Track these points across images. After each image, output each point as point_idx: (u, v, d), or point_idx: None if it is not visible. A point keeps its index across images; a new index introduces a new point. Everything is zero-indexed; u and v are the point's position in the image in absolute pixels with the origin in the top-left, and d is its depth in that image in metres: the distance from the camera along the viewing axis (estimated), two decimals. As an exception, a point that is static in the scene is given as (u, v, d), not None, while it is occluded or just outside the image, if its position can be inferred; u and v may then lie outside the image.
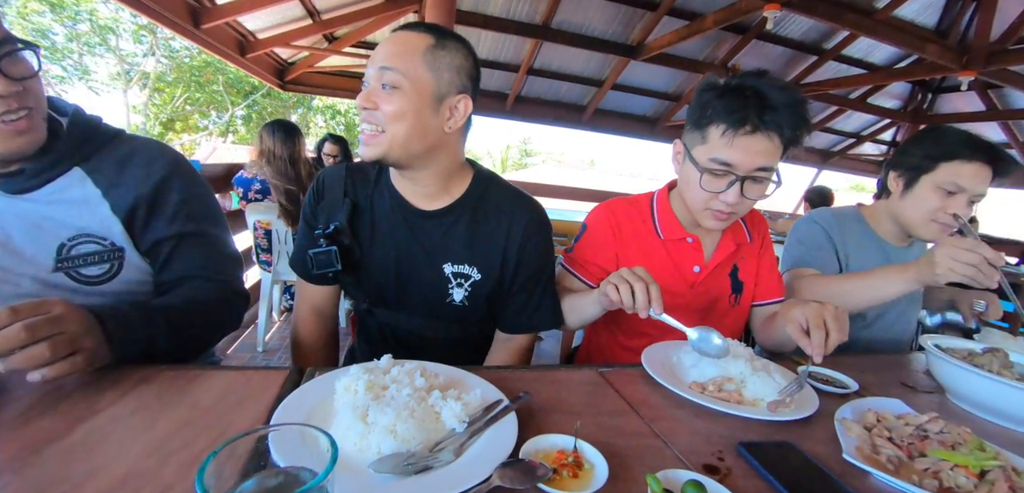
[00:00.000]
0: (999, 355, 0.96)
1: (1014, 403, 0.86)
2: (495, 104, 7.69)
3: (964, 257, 0.99)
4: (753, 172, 1.02)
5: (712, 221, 1.10)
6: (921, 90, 8.17)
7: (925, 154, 1.32)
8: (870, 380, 1.04)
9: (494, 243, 1.05)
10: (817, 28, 6.47)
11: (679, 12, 5.93)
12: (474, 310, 1.09)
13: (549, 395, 0.82)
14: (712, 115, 1.02)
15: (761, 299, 1.28)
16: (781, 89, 0.99)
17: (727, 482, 0.62)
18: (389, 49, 0.92)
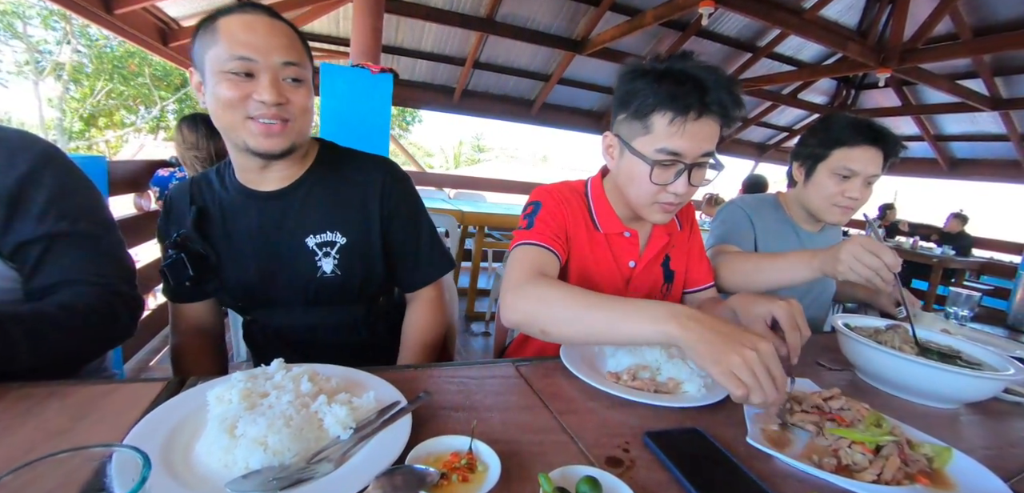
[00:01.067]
0: (900, 331, 0.99)
1: (913, 377, 0.89)
2: (442, 98, 7.57)
3: (866, 259, 1.00)
4: (699, 159, 0.98)
5: (660, 214, 1.05)
6: (845, 86, 8.71)
7: (819, 143, 1.41)
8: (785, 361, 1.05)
9: (353, 203, 1.07)
10: (751, 26, 6.76)
11: (621, 8, 6.02)
12: (349, 279, 1.07)
13: (456, 393, 0.77)
14: (654, 103, 0.95)
15: (692, 286, 1.28)
16: (709, 70, 0.96)
17: (629, 474, 0.59)
18: (283, 42, 0.92)
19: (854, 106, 8.83)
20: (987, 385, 0.86)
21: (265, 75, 0.90)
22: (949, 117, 7.97)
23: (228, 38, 0.88)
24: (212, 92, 0.91)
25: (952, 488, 0.60)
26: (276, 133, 0.93)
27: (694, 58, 0.98)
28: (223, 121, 0.93)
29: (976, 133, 8.02)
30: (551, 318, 0.85)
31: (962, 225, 6.66)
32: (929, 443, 0.67)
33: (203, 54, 0.91)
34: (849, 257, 1.03)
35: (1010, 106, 6.90)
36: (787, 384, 0.67)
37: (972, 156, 8.51)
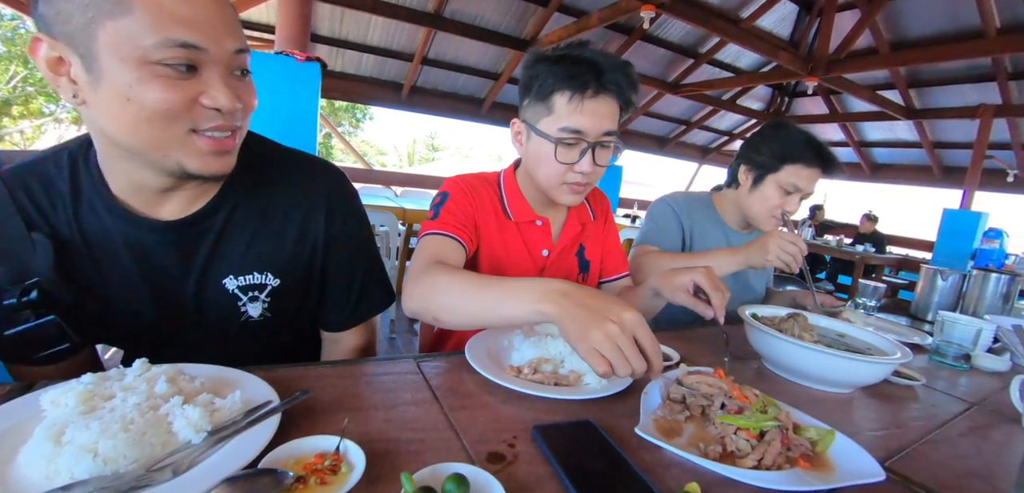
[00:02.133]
0: (800, 320, 1.02)
1: (809, 363, 0.91)
2: (391, 94, 7.39)
3: (788, 247, 1.17)
4: (601, 137, 1.01)
5: (570, 195, 1.06)
6: (780, 94, 9.21)
7: (772, 154, 1.43)
8: (694, 351, 1.06)
9: (289, 230, 0.83)
10: (693, 33, 7.01)
11: (568, 9, 6.09)
12: (280, 322, 0.88)
13: (342, 392, 0.71)
14: (553, 84, 0.99)
15: (608, 275, 1.29)
16: (606, 55, 1.01)
17: (508, 470, 0.56)
18: (231, 18, 0.65)
19: (788, 112, 9.34)
20: (876, 369, 0.89)
21: (215, 70, 0.64)
22: (870, 125, 8.58)
23: (152, 8, 0.58)
24: (120, 92, 0.60)
25: (831, 470, 0.60)
26: (229, 150, 0.69)
27: (590, 47, 1.02)
28: (136, 139, 0.63)
29: (894, 140, 8.68)
30: (440, 305, 0.83)
31: (873, 225, 7.17)
32: (814, 426, 0.68)
33: (89, 22, 0.58)
34: (775, 246, 1.19)
35: (922, 115, 7.50)
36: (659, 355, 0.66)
37: (890, 161, 9.20)
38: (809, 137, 1.42)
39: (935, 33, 6.13)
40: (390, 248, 3.26)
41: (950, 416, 0.93)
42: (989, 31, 5.41)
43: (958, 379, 1.22)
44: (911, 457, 0.73)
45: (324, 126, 18.57)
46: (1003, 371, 1.28)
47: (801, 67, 5.90)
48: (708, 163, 10.77)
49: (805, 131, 1.45)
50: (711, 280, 0.90)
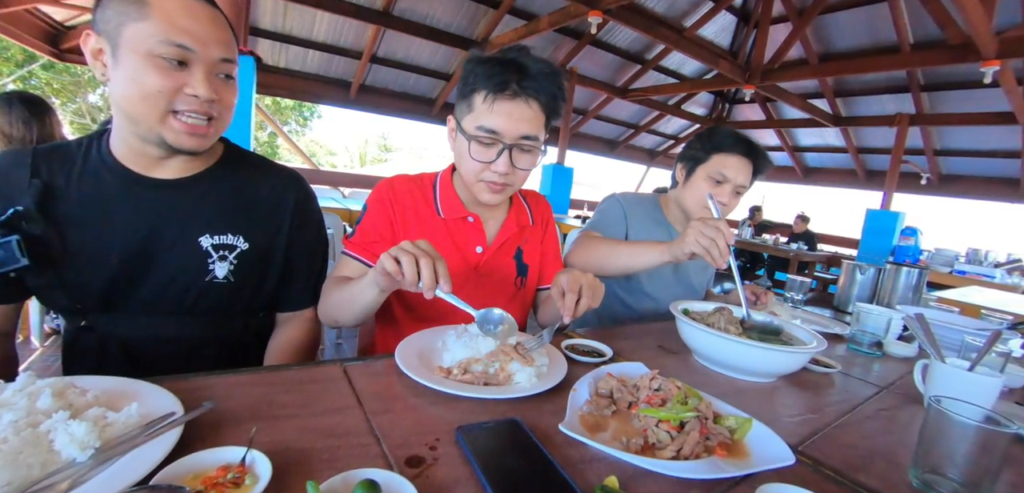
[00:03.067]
0: (726, 313, 1.06)
1: (732, 355, 0.95)
2: (338, 93, 7.19)
3: (708, 232, 1.11)
4: (519, 140, 1.01)
5: (488, 193, 1.06)
6: (721, 100, 9.64)
7: (701, 147, 1.49)
8: (629, 346, 1.08)
9: (261, 209, 1.00)
10: (640, 40, 7.22)
11: (519, 12, 6.13)
12: (241, 288, 0.97)
13: (258, 400, 0.67)
14: (475, 83, 1.00)
15: (546, 283, 1.29)
16: (538, 61, 1.01)
17: (427, 473, 0.54)
18: (224, 36, 0.85)
19: (728, 118, 9.79)
20: (794, 358, 0.93)
21: (200, 68, 0.82)
22: (803, 131, 9.14)
23: (164, 18, 0.78)
24: (130, 74, 0.78)
25: (746, 456, 0.63)
26: (201, 132, 0.86)
27: (529, 53, 1.02)
28: (135, 110, 0.81)
29: (823, 145, 9.27)
30: (337, 313, 1.00)
31: (805, 224, 7.65)
32: (734, 415, 0.71)
33: (120, 24, 0.78)
34: (693, 233, 1.14)
35: (847, 123, 8.06)
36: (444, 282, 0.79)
37: (821, 165, 9.82)
38: (738, 132, 1.48)
39: (858, 47, 6.63)
40: (335, 250, 3.16)
41: (861, 400, 0.99)
42: (904, 46, 5.91)
43: (872, 365, 1.30)
44: (822, 440, 0.77)
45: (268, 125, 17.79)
46: (911, 356, 1.38)
47: (739, 75, 6.21)
48: (656, 166, 11.14)
49: (736, 130, 1.51)
50: (572, 281, 0.91)
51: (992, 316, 1.77)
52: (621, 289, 1.63)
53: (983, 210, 8.19)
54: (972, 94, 6.48)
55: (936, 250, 6.81)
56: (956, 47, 4.68)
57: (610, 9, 4.37)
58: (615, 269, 1.34)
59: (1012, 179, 7.47)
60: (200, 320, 0.96)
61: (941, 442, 0.66)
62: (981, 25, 3.97)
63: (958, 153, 7.80)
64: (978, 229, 9.63)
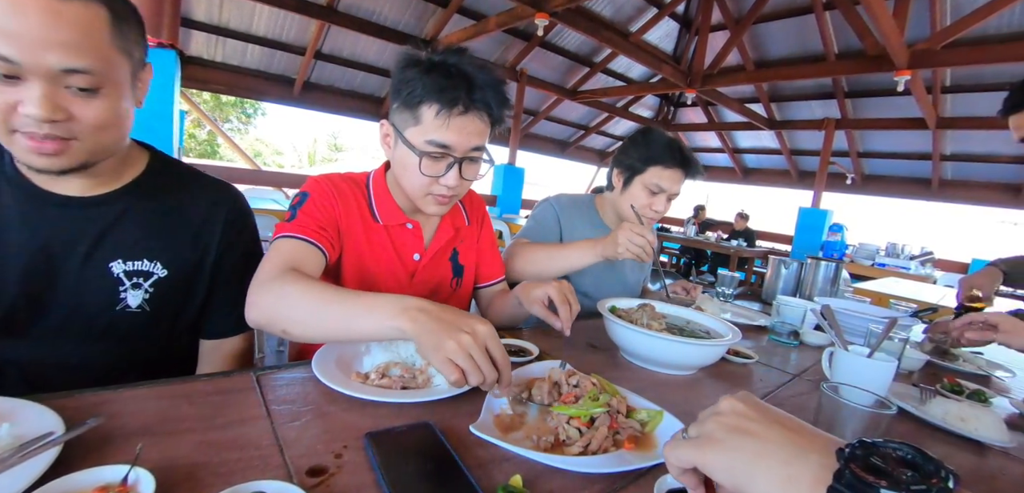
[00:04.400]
0: (648, 309, 1.10)
1: (653, 349, 0.98)
2: (281, 89, 6.91)
3: (636, 240, 1.19)
4: (469, 153, 0.99)
5: (434, 206, 1.04)
6: (666, 103, 9.98)
7: (639, 157, 1.52)
8: (559, 345, 1.10)
9: (185, 230, 0.89)
10: (589, 43, 7.36)
11: (468, 12, 6.11)
12: (157, 318, 0.87)
13: (151, 414, 0.63)
14: (422, 94, 0.94)
15: (484, 281, 1.29)
16: (482, 68, 0.98)
17: (329, 482, 0.53)
18: (68, 37, 0.65)
19: (673, 121, 10.15)
20: (710, 351, 0.98)
21: (34, 81, 0.65)
22: (742, 133, 9.60)
23: None
24: None
25: (653, 448, 0.65)
26: (50, 152, 0.70)
27: (469, 54, 0.99)
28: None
29: (760, 147, 9.78)
30: (289, 318, 0.78)
31: (745, 222, 8.06)
32: (645, 408, 0.73)
33: None
34: (624, 239, 1.22)
35: (781, 127, 8.54)
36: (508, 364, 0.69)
37: (759, 166, 10.36)
38: (671, 141, 1.53)
39: (789, 55, 7.06)
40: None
41: (774, 387, 1.05)
42: (829, 56, 6.33)
43: (790, 354, 1.39)
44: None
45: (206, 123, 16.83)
46: (825, 344, 1.47)
47: (682, 80, 6.45)
48: (606, 166, 11.37)
49: (669, 136, 1.55)
50: (561, 294, 0.96)
51: (899, 304, 1.92)
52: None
53: (901, 207, 8.93)
54: (889, 101, 7.03)
55: (860, 245, 7.36)
56: (873, 57, 5.06)
57: (556, 12, 4.43)
58: (553, 273, 1.36)
59: (925, 179, 8.15)
60: (112, 348, 0.86)
61: (833, 423, 0.70)
62: (894, 38, 4.31)
63: (878, 155, 8.43)
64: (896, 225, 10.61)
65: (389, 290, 1.06)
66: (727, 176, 10.75)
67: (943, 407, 0.97)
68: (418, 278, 1.13)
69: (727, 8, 6.70)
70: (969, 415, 0.93)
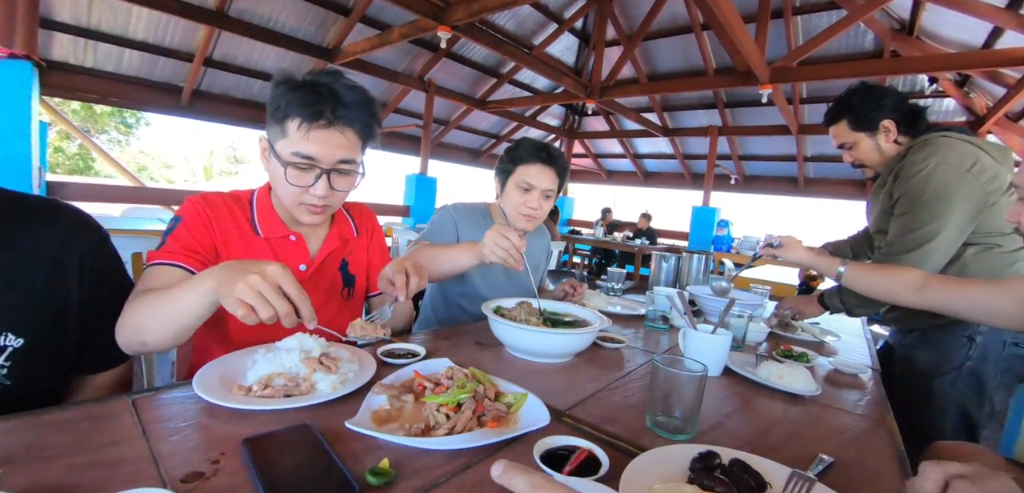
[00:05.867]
0: (525, 306, 1.22)
1: (531, 342, 1.10)
2: (166, 98, 6.36)
3: (501, 242, 1.23)
4: (336, 165, 1.05)
5: (308, 215, 1.09)
6: (571, 113, 10.49)
7: (509, 160, 1.66)
8: (448, 345, 1.19)
9: (33, 284, 0.80)
10: (495, 55, 7.56)
11: (372, 21, 6.05)
12: (24, 390, 0.80)
13: (17, 444, 0.62)
14: (288, 109, 1.01)
15: (375, 290, 1.34)
16: (352, 88, 1.05)
17: (203, 487, 0.57)
18: None
19: (579, 129, 10.69)
20: (578, 339, 1.11)
21: None
22: (641, 140, 10.34)
23: None
24: None
25: (514, 425, 0.75)
26: None
27: (343, 77, 1.06)
28: None
29: (658, 152, 10.59)
30: (142, 326, 0.84)
31: (648, 222, 8.71)
32: (512, 392, 0.83)
33: None
34: (490, 242, 1.25)
35: (674, 133, 9.33)
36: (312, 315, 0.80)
37: (657, 169, 11.20)
38: (537, 143, 1.67)
39: (676, 69, 7.79)
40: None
41: (636, 367, 1.21)
42: (709, 70, 7.06)
43: (661, 337, 1.58)
44: (591, 403, 0.94)
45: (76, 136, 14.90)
46: (686, 326, 1.69)
47: (582, 91, 6.85)
48: (519, 173, 11.68)
49: (534, 140, 1.71)
50: (399, 265, 1.05)
51: (757, 288, 2.21)
52: (460, 296, 1.74)
53: (775, 203, 10.13)
54: (760, 110, 7.96)
55: (743, 237, 8.27)
56: (743, 73, 5.73)
57: (458, 26, 4.54)
58: (438, 272, 1.43)
59: (793, 178, 9.30)
60: None
61: (659, 389, 0.85)
62: (756, 57, 4.92)
63: (755, 158, 9.50)
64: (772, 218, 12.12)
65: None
66: (630, 180, 11.52)
67: (768, 369, 1.18)
68: (306, 288, 1.15)
69: (620, 25, 7.24)
70: (786, 373, 1.15)
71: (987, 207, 1.44)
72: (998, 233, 1.47)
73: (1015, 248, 1.48)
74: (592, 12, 7.50)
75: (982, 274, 1.47)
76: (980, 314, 1.19)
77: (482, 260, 1.30)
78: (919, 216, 1.46)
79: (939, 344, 1.55)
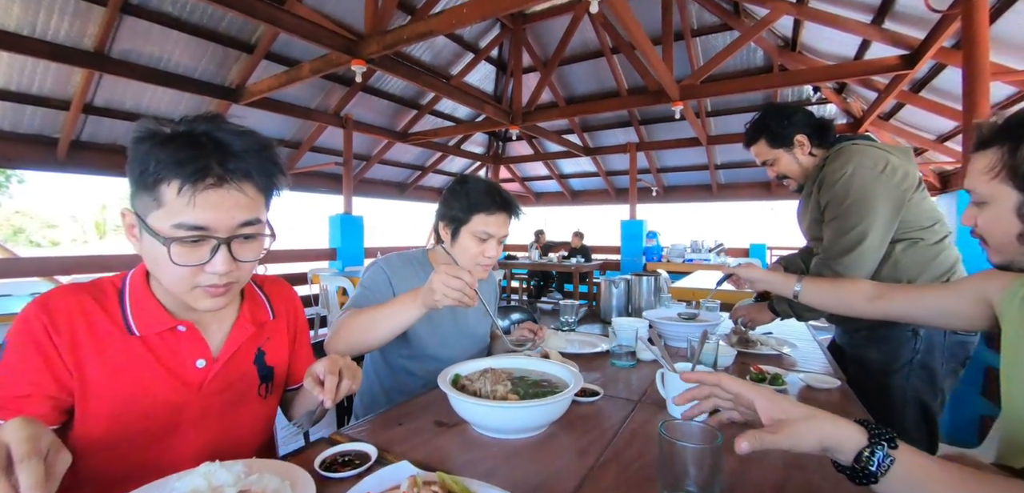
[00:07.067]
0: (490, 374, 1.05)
1: (498, 419, 0.93)
2: (40, 152, 5.50)
3: (453, 284, 1.13)
4: (237, 231, 0.82)
5: (207, 299, 0.84)
6: (495, 139, 10.52)
7: (461, 208, 1.49)
8: (402, 434, 0.99)
9: None
10: (413, 86, 7.39)
11: (278, 57, 5.66)
12: None
13: None
14: (159, 170, 0.76)
15: (295, 382, 1.12)
16: (241, 134, 0.82)
17: None
18: None
19: (503, 155, 10.74)
20: (557, 407, 0.96)
21: None
22: (564, 161, 10.54)
23: None
24: None
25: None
26: None
27: (224, 120, 0.83)
28: None
29: (582, 172, 10.85)
30: None
31: (581, 240, 8.84)
32: None
33: None
34: (441, 285, 1.13)
35: (595, 152, 9.61)
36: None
37: (583, 188, 11.46)
38: (490, 185, 1.53)
39: (592, 91, 8.08)
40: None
41: (621, 421, 1.08)
42: (622, 91, 7.37)
43: (631, 376, 1.47)
44: (585, 488, 0.79)
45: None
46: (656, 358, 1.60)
47: (504, 117, 6.85)
48: (446, 204, 11.48)
49: (487, 181, 1.56)
50: (331, 364, 0.89)
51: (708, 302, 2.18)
52: (405, 359, 1.54)
53: (694, 210, 10.75)
54: (673, 125, 8.41)
55: (672, 246, 8.62)
56: (654, 91, 6.00)
57: (372, 59, 4.33)
58: (378, 338, 1.26)
59: (707, 185, 9.89)
60: None
61: (672, 463, 0.72)
62: (665, 76, 5.16)
63: (672, 169, 10.00)
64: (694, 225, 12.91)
65: (161, 414, 0.86)
66: (558, 200, 11.70)
67: (754, 404, 1.09)
68: (209, 389, 0.91)
69: (535, 53, 7.38)
70: (772, 405, 1.06)
71: (905, 204, 1.53)
72: (919, 227, 1.56)
73: (938, 239, 1.57)
74: (507, 41, 7.58)
75: (912, 267, 1.55)
76: (935, 318, 1.21)
77: (432, 308, 1.16)
78: (847, 220, 1.52)
79: (888, 341, 1.59)
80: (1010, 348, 1.02)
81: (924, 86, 5.56)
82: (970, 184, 0.98)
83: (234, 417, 0.96)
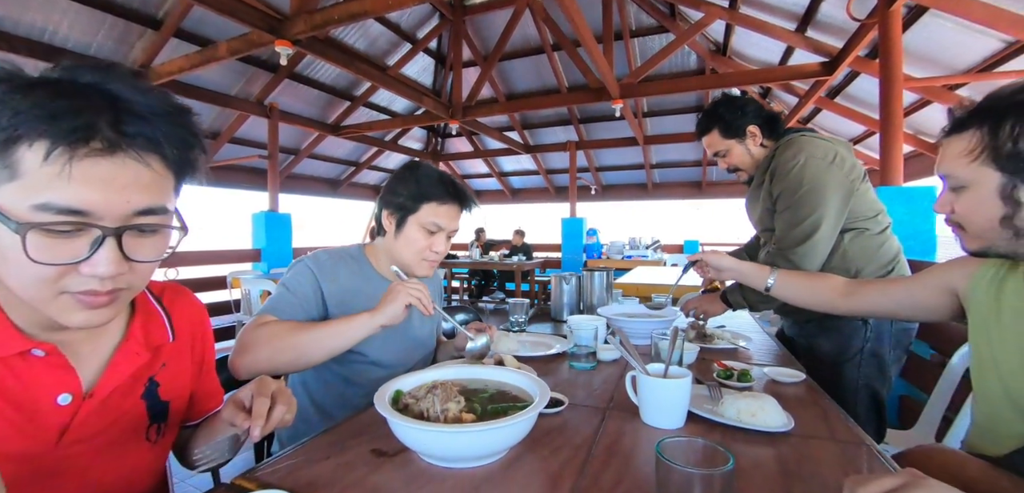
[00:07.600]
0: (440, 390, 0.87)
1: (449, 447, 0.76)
2: None
3: (414, 293, 1.14)
4: (132, 219, 0.58)
5: (82, 313, 0.60)
6: (433, 135, 10.23)
7: (410, 195, 1.33)
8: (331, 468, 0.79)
9: None
10: (347, 76, 6.98)
11: (189, 36, 5.10)
12: None
13: None
14: (17, 124, 0.52)
15: (198, 415, 0.90)
16: (148, 91, 0.59)
17: None
18: None
19: (442, 151, 10.47)
20: (521, 427, 0.79)
21: None
22: (504, 158, 10.45)
23: None
24: None
25: None
26: None
27: (122, 69, 0.59)
28: None
29: (522, 170, 10.81)
30: None
31: (522, 238, 8.78)
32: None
33: None
34: (402, 293, 1.13)
35: (535, 150, 9.59)
36: None
37: (523, 186, 11.44)
38: (442, 175, 1.37)
39: (532, 88, 8.03)
40: None
41: (592, 433, 0.94)
42: (562, 88, 7.37)
43: (592, 381, 1.34)
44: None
45: None
46: (619, 357, 1.48)
47: (444, 112, 6.62)
48: (383, 202, 11.04)
49: (438, 170, 1.41)
50: (262, 385, 0.74)
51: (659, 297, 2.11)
52: (340, 365, 1.32)
53: (630, 208, 11.07)
54: (611, 125, 8.55)
55: (611, 243, 8.76)
56: (595, 89, 6.03)
57: (300, 40, 3.96)
58: (319, 357, 1.11)
59: (643, 184, 10.17)
60: None
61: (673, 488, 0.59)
62: (607, 74, 5.18)
63: (610, 168, 10.19)
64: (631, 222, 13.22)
65: (8, 463, 0.61)
66: (498, 198, 11.58)
67: (734, 405, 0.99)
68: (76, 434, 0.66)
69: (475, 46, 7.20)
70: (756, 408, 0.97)
71: (854, 194, 1.54)
72: (864, 217, 1.59)
73: (881, 229, 1.61)
74: (446, 33, 7.35)
75: (859, 256, 1.57)
76: (905, 311, 1.22)
77: (392, 320, 1.10)
78: (800, 210, 1.52)
79: (838, 332, 1.60)
80: (980, 333, 1.00)
81: (839, 93, 5.98)
82: (947, 169, 0.94)
83: (110, 468, 0.71)
